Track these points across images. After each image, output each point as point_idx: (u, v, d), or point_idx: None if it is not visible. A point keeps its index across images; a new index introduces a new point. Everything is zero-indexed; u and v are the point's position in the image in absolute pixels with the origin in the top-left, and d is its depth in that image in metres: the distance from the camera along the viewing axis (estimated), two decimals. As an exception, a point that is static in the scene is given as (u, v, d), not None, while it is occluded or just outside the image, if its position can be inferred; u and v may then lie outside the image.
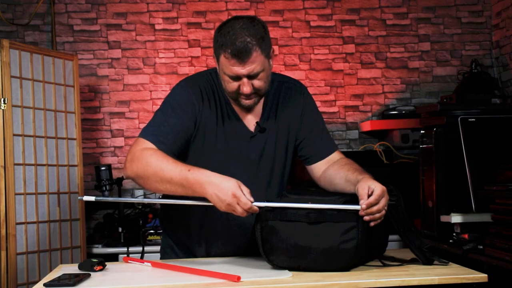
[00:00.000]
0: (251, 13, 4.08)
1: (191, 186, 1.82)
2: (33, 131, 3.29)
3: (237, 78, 1.91)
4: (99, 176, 3.56)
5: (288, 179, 2.20)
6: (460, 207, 2.93)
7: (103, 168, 3.53)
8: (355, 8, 4.15)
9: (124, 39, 4.05)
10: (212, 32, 4.02)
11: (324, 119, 4.05)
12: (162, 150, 1.91)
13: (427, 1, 4.17)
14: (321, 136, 2.17)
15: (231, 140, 2.03)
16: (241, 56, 1.86)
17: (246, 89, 1.92)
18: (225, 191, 1.77)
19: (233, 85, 1.93)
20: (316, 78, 4.12)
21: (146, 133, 1.96)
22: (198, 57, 4.07)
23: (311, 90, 4.11)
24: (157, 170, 1.86)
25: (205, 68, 3.99)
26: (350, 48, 4.14)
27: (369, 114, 4.13)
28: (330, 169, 2.08)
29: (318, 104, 4.13)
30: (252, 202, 1.77)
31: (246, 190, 1.79)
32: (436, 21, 4.18)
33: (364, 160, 3.87)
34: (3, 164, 3.09)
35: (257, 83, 1.93)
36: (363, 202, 1.74)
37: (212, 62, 4.05)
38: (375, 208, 1.75)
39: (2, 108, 3.11)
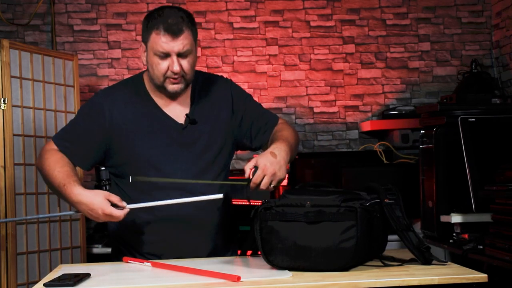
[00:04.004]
0: (251, 13, 4.08)
1: (65, 199, 1.98)
2: (33, 131, 3.29)
3: (166, 56, 2.01)
4: (99, 176, 3.56)
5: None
6: (460, 207, 2.93)
7: (103, 168, 3.53)
8: (355, 8, 4.15)
9: (124, 39, 4.05)
10: (213, 32, 4.05)
11: (324, 119, 4.09)
12: (65, 154, 2.08)
13: (427, 1, 4.17)
14: (259, 118, 2.23)
15: (161, 135, 2.10)
16: (174, 31, 1.98)
17: (176, 67, 2.01)
18: (96, 211, 1.89)
19: (162, 66, 2.03)
20: (316, 78, 4.12)
21: (56, 136, 2.14)
22: (197, 56, 4.07)
23: (311, 90, 4.14)
24: (48, 174, 2.03)
25: (206, 68, 3.99)
26: (350, 48, 4.14)
27: (369, 114, 4.13)
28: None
29: (318, 104, 4.15)
30: (124, 207, 1.90)
31: (116, 199, 1.90)
32: (436, 21, 4.18)
33: (364, 160, 3.88)
34: (3, 164, 3.09)
35: (185, 64, 2.03)
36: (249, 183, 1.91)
37: (212, 62, 4.06)
38: (260, 185, 1.91)
39: (2, 108, 3.11)
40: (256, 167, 1.92)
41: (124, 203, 1.91)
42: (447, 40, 4.18)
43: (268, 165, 1.92)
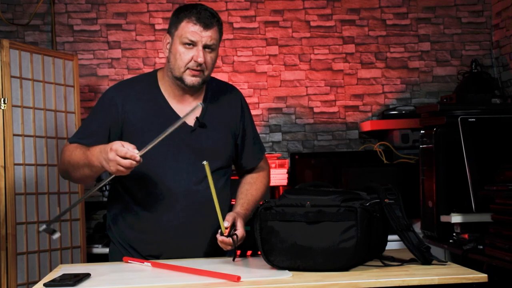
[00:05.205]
0: (251, 13, 4.08)
1: (91, 163, 1.97)
2: (33, 131, 3.29)
3: (193, 45, 2.05)
4: (99, 176, 3.55)
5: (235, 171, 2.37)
6: (460, 207, 2.93)
7: (103, 168, 3.52)
8: (355, 8, 4.15)
9: (124, 39, 4.05)
10: (212, 32, 4.05)
11: (324, 119, 4.09)
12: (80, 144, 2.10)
13: (427, 1, 4.17)
14: (253, 145, 2.30)
15: (169, 135, 2.06)
16: (206, 23, 2.05)
17: (201, 58, 2.05)
18: (106, 149, 1.88)
19: (186, 56, 2.06)
20: (316, 78, 4.12)
21: (71, 137, 2.18)
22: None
23: (311, 90, 4.14)
24: (70, 160, 2.07)
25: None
26: (350, 48, 4.14)
27: (369, 114, 4.13)
28: (244, 178, 2.32)
29: (318, 104, 4.15)
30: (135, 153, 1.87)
31: (128, 145, 1.87)
32: (436, 21, 4.18)
33: (364, 160, 3.88)
34: (3, 164, 3.09)
35: (208, 59, 2.07)
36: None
37: (212, 62, 4.05)
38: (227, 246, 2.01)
39: (2, 108, 3.11)
40: (233, 225, 2.03)
41: (136, 151, 1.87)
42: (447, 40, 4.18)
43: (244, 235, 2.04)
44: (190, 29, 2.04)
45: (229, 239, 1.97)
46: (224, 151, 2.19)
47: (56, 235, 2.00)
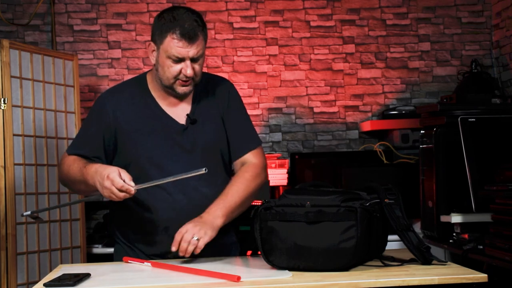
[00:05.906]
0: (251, 13, 4.08)
1: (86, 181, 1.99)
2: (33, 131, 3.30)
3: (180, 60, 2.03)
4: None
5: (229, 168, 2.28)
6: (460, 207, 2.93)
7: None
8: (355, 8, 4.15)
9: (124, 39, 4.05)
10: (212, 32, 4.05)
11: (324, 119, 4.09)
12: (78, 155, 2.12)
13: (427, 1, 4.17)
14: (238, 133, 2.21)
15: (162, 136, 2.10)
16: (190, 36, 2.01)
17: (190, 71, 2.03)
18: (103, 175, 1.89)
19: (175, 69, 2.04)
20: (316, 78, 4.12)
21: (68, 148, 2.19)
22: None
23: (311, 90, 4.14)
24: (68, 175, 2.10)
25: (206, 68, 3.99)
26: (350, 48, 4.14)
27: (369, 114, 4.13)
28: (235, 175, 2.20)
29: (318, 104, 4.15)
30: (131, 186, 1.88)
31: (126, 175, 1.90)
32: (436, 21, 4.18)
33: (364, 160, 3.88)
34: (3, 164, 3.09)
35: (197, 68, 2.06)
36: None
37: (212, 62, 4.06)
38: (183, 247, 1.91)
39: (2, 108, 3.11)
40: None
41: (132, 183, 1.89)
42: (447, 40, 4.18)
43: (189, 229, 1.93)
44: (176, 45, 2.01)
45: (190, 246, 1.91)
46: (219, 145, 2.17)
47: (40, 220, 2.03)
